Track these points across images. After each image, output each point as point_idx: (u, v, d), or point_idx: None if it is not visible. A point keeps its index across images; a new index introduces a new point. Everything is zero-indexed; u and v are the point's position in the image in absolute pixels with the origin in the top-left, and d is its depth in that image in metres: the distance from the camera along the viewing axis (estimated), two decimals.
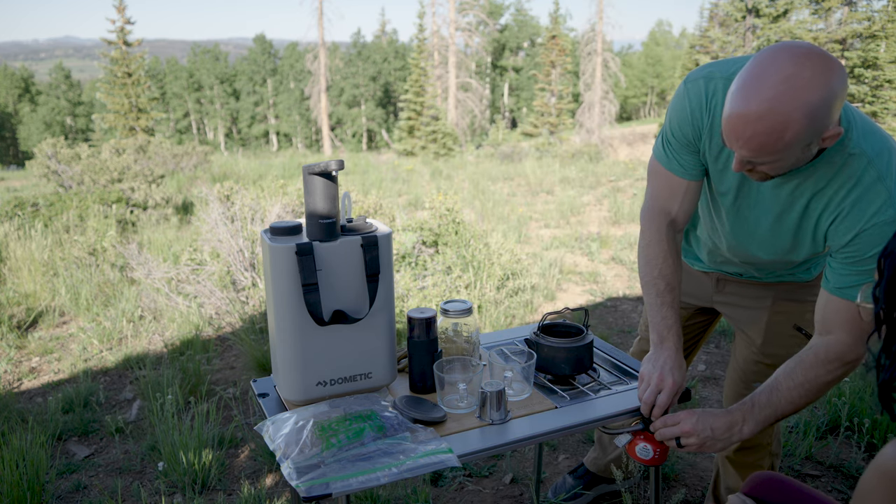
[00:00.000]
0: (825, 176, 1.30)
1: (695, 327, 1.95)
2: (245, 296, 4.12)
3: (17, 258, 4.89)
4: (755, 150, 1.18)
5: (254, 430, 2.77)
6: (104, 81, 23.65)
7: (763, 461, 1.82)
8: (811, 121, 1.13)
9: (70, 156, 8.41)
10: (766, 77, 1.13)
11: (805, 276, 1.66)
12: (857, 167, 1.27)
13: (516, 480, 2.41)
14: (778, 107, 1.11)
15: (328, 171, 1.40)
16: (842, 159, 1.28)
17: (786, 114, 1.11)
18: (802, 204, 1.36)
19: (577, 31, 42.19)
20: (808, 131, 1.14)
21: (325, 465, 1.26)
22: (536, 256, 5.48)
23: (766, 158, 1.19)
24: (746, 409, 1.37)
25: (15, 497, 2.23)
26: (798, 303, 1.68)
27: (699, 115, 1.42)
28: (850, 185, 1.27)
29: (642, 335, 2.02)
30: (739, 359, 1.79)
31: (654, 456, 1.46)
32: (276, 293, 1.41)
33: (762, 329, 1.70)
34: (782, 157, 1.19)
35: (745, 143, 1.17)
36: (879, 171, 1.25)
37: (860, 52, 17.35)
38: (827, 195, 1.31)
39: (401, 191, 9.59)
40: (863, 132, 1.29)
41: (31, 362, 3.69)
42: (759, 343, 1.71)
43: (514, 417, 1.44)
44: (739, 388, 1.77)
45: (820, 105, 1.12)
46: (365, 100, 43.68)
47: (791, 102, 1.11)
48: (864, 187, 1.26)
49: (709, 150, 1.45)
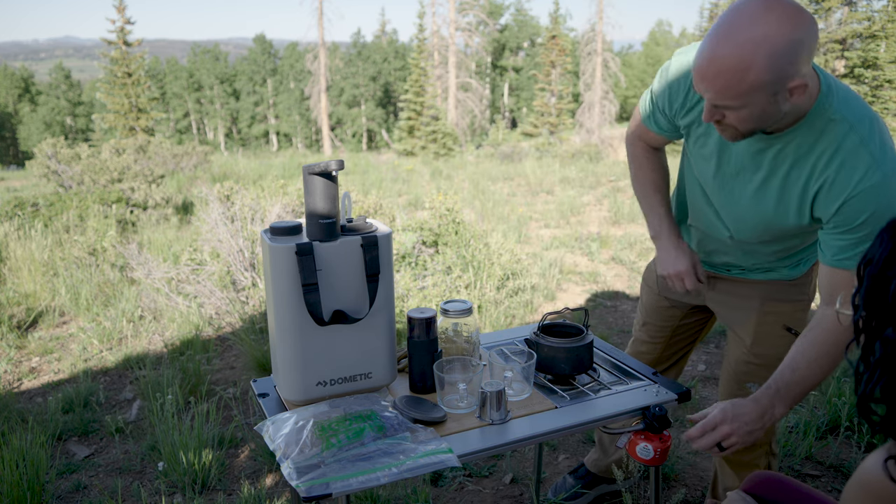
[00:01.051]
0: (806, 142, 1.32)
1: (690, 326, 1.95)
2: (245, 296, 4.12)
3: (17, 258, 4.89)
4: (719, 91, 1.21)
5: (254, 430, 2.77)
6: (104, 81, 23.65)
7: (760, 460, 1.82)
8: (774, 64, 1.15)
9: (70, 156, 8.41)
10: (734, 20, 1.18)
11: (793, 273, 1.67)
12: (839, 133, 1.28)
13: (516, 480, 2.41)
14: (742, 47, 1.16)
15: (328, 171, 1.40)
16: (823, 124, 1.30)
17: (749, 54, 1.15)
18: (784, 170, 1.38)
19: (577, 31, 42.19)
20: (771, 76, 1.17)
21: (325, 465, 1.26)
22: (536, 256, 5.48)
23: (730, 102, 1.22)
24: (772, 393, 1.37)
25: (15, 497, 2.23)
26: (787, 302, 1.69)
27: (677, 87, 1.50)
28: (832, 150, 1.29)
29: (636, 336, 2.03)
30: (731, 358, 1.79)
31: (655, 456, 1.46)
32: (276, 293, 1.41)
33: (752, 329, 1.71)
34: (746, 101, 1.21)
35: (709, 83, 1.22)
36: (861, 137, 1.27)
37: (860, 52, 17.35)
38: (810, 162, 1.33)
39: (401, 191, 9.59)
40: (844, 99, 1.30)
41: (31, 362, 3.69)
42: (748, 343, 1.72)
43: (514, 417, 1.44)
44: (732, 387, 1.77)
45: (784, 50, 1.15)
46: (365, 100, 43.68)
47: (754, 43, 1.14)
48: (846, 152, 1.28)
49: (687, 118, 1.52)
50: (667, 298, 1.90)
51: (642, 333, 1.99)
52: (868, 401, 0.83)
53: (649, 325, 1.97)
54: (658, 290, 1.91)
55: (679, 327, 1.94)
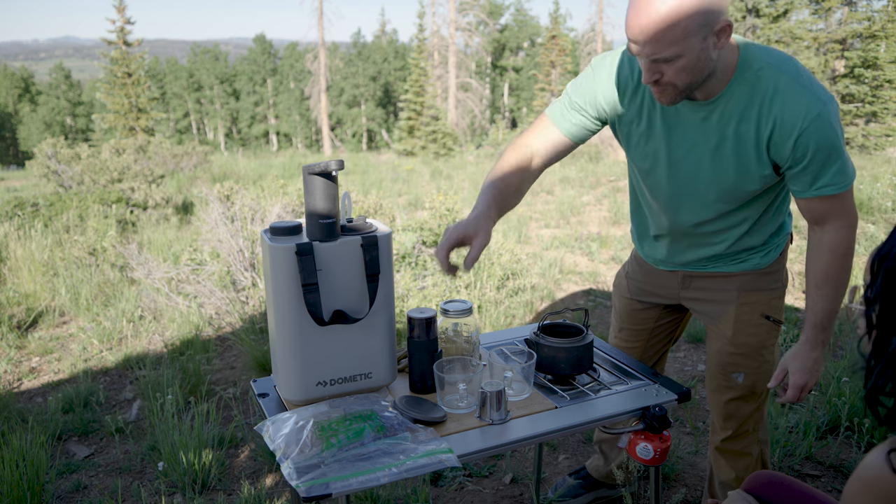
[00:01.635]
0: (744, 94, 1.40)
1: (665, 327, 1.97)
2: (245, 296, 4.12)
3: (17, 258, 4.89)
4: (655, 41, 1.26)
5: (254, 430, 2.77)
6: (104, 81, 23.65)
7: (752, 448, 1.84)
8: (701, 5, 1.24)
9: (70, 156, 8.40)
10: None
11: (765, 262, 1.71)
12: (770, 76, 1.37)
13: (516, 480, 2.41)
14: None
15: (328, 171, 1.40)
16: (752, 75, 1.38)
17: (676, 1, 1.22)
18: (733, 128, 1.44)
19: (577, 31, 42.14)
20: (701, 17, 1.24)
21: (325, 465, 1.26)
22: (536, 256, 5.48)
23: (667, 52, 1.27)
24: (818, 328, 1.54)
25: (15, 497, 2.23)
26: (762, 291, 1.72)
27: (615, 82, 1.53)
28: (771, 93, 1.37)
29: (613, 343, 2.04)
30: (713, 352, 1.81)
31: (654, 456, 1.46)
32: (276, 293, 1.41)
33: (731, 321, 1.74)
34: (682, 49, 1.27)
35: (645, 35, 1.26)
36: (791, 75, 1.36)
37: (860, 52, 17.35)
38: (754, 112, 1.40)
39: (401, 191, 9.59)
40: (762, 48, 1.40)
41: (31, 362, 3.69)
42: (729, 335, 1.74)
43: (514, 417, 1.44)
44: (719, 380, 1.80)
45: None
46: (365, 100, 43.68)
47: None
48: (784, 93, 1.36)
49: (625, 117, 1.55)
50: (640, 301, 1.93)
51: (619, 339, 2.01)
52: (878, 394, 0.83)
53: (626, 331, 1.99)
54: (630, 294, 1.94)
55: (655, 329, 1.96)
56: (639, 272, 1.91)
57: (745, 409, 1.78)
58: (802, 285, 4.56)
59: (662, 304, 1.91)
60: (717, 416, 1.84)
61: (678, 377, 3.28)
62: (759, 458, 1.86)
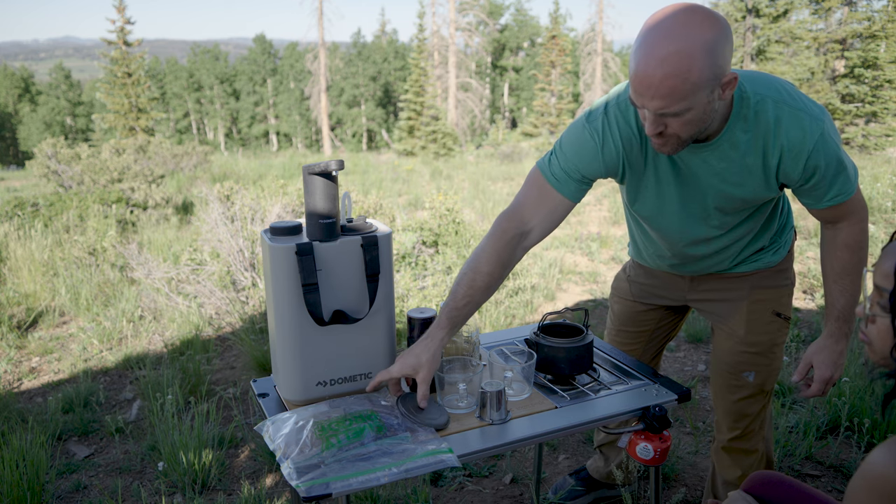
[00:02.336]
0: (744, 130, 1.39)
1: (666, 327, 1.98)
2: (245, 296, 4.12)
3: (17, 258, 4.89)
4: (665, 96, 1.23)
5: (254, 430, 2.77)
6: (104, 81, 23.65)
7: (758, 445, 1.84)
8: (711, 57, 1.21)
9: (70, 156, 8.40)
10: (661, 27, 1.22)
11: (774, 259, 1.71)
12: (770, 111, 1.37)
13: (516, 480, 2.41)
14: (680, 46, 1.20)
15: (328, 171, 1.40)
16: (751, 111, 1.38)
17: (688, 52, 1.19)
18: (738, 164, 1.44)
19: (577, 31, 42.15)
20: (710, 72, 1.22)
21: (325, 465, 1.26)
22: (536, 256, 5.48)
23: (675, 106, 1.25)
24: (841, 322, 1.56)
25: (15, 497, 2.23)
26: (773, 289, 1.72)
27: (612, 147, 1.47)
28: (773, 126, 1.38)
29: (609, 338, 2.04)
30: (722, 352, 1.80)
31: (654, 456, 1.46)
32: (276, 293, 1.41)
33: (743, 319, 1.73)
34: (690, 103, 1.25)
35: (655, 90, 1.23)
36: (787, 104, 1.37)
37: (860, 52, 17.35)
38: (759, 145, 1.40)
39: (401, 191, 9.59)
40: (749, 80, 1.39)
41: (31, 362, 3.69)
42: (741, 334, 1.74)
43: (514, 417, 1.44)
44: (729, 379, 1.79)
45: (717, 41, 1.21)
46: (365, 100, 43.67)
47: (690, 42, 1.19)
48: (787, 122, 1.37)
49: (630, 170, 1.52)
50: (643, 303, 1.92)
51: (617, 343, 2.01)
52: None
53: (625, 333, 1.98)
54: (633, 297, 1.94)
55: (655, 330, 1.96)
56: (642, 275, 1.91)
57: (754, 407, 1.78)
58: (803, 285, 4.56)
59: (665, 306, 1.91)
60: (724, 415, 1.83)
61: (678, 377, 3.28)
62: (765, 455, 1.86)
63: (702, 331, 3.71)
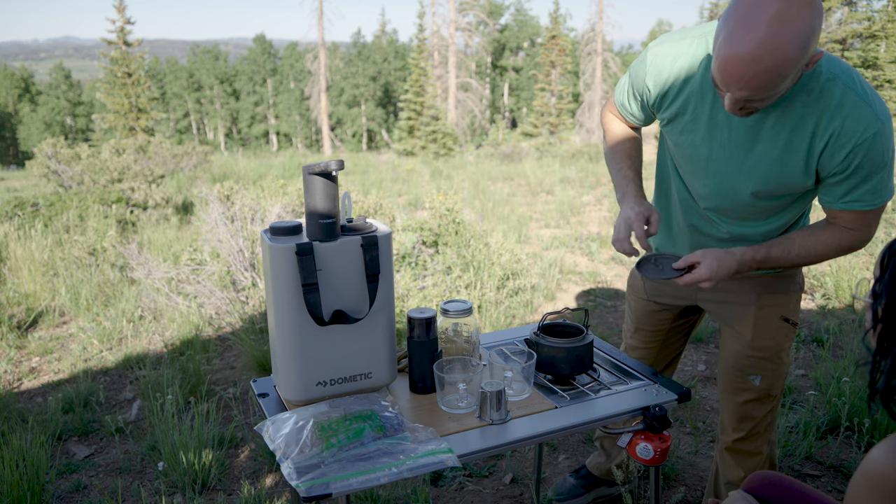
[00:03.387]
0: (804, 104, 1.36)
1: (680, 328, 1.97)
2: (245, 296, 4.12)
3: (17, 258, 4.89)
4: (756, 89, 1.22)
5: (254, 430, 2.77)
6: (104, 81, 23.65)
7: (762, 448, 1.83)
8: (804, 51, 1.19)
9: (70, 156, 8.40)
10: (755, 18, 1.18)
11: None
12: (836, 92, 1.33)
13: (516, 480, 2.41)
14: (775, 45, 1.17)
15: (328, 171, 1.40)
16: (818, 86, 1.34)
17: (783, 50, 1.17)
18: (785, 137, 1.41)
19: (577, 31, 42.18)
20: (801, 61, 1.21)
21: (325, 465, 1.26)
22: (536, 256, 5.48)
23: (764, 95, 1.24)
24: (759, 258, 1.52)
25: (15, 497, 2.23)
26: (781, 294, 1.71)
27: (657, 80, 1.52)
28: (834, 107, 1.34)
29: (629, 343, 2.04)
30: (729, 355, 1.79)
31: (654, 456, 1.46)
32: (276, 293, 1.41)
33: (751, 324, 1.72)
34: (779, 90, 1.25)
35: (746, 83, 1.22)
36: (857, 92, 1.34)
37: (860, 52, 17.34)
38: (811, 123, 1.37)
39: (401, 191, 9.59)
40: (827, 58, 1.35)
41: (31, 362, 3.69)
42: (748, 338, 1.73)
43: (514, 417, 1.44)
44: (735, 382, 1.78)
45: (810, 34, 1.18)
46: (365, 100, 43.67)
47: (786, 38, 1.16)
48: (849, 108, 1.33)
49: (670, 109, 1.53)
50: (657, 302, 1.92)
51: (635, 340, 2.00)
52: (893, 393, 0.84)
53: (641, 331, 1.98)
54: (647, 295, 1.93)
55: (671, 330, 1.95)
56: None
57: (760, 410, 1.77)
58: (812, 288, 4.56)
59: (679, 306, 1.90)
60: (730, 417, 1.83)
61: (678, 377, 3.28)
62: (768, 457, 1.86)
63: (702, 331, 3.71)
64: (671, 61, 1.50)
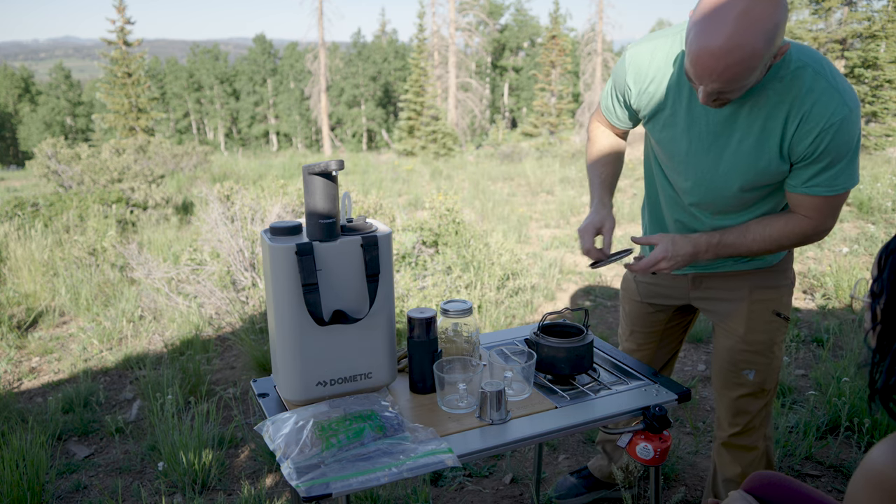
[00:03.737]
0: (777, 92, 1.41)
1: (675, 329, 1.99)
2: (245, 296, 4.12)
3: (17, 258, 4.89)
4: (727, 82, 1.29)
5: (254, 430, 2.77)
6: (104, 81, 23.64)
7: (758, 442, 1.85)
8: (770, 44, 1.26)
9: (70, 156, 8.40)
10: (723, 14, 1.24)
11: (775, 259, 1.74)
12: (806, 79, 1.39)
13: (516, 480, 2.41)
14: (743, 39, 1.23)
15: (328, 171, 1.40)
16: (788, 74, 1.40)
17: (751, 44, 1.23)
18: (760, 124, 1.45)
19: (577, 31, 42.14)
20: (768, 54, 1.28)
21: (325, 465, 1.26)
22: (536, 256, 5.48)
23: (734, 86, 1.31)
24: (714, 243, 1.57)
25: (15, 497, 2.23)
26: (773, 289, 1.74)
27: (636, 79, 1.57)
28: (804, 93, 1.39)
29: (625, 346, 2.06)
30: (723, 350, 1.82)
31: (654, 456, 1.46)
32: (276, 293, 1.41)
33: (744, 319, 1.75)
34: (748, 81, 1.31)
35: (717, 76, 1.28)
36: (826, 78, 1.39)
37: (860, 52, 17.34)
38: (784, 110, 1.42)
39: (401, 191, 9.59)
40: (796, 47, 1.41)
41: (31, 362, 3.69)
42: (741, 332, 1.75)
43: (514, 417, 1.44)
44: (729, 377, 1.80)
45: (775, 29, 1.25)
46: (365, 100, 43.67)
47: (753, 33, 1.23)
48: (818, 94, 1.39)
49: (649, 107, 1.58)
50: (650, 304, 1.94)
51: (630, 343, 2.02)
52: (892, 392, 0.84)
53: (637, 334, 2.00)
54: (640, 297, 1.95)
55: (666, 331, 1.98)
56: (648, 275, 1.91)
57: (755, 405, 1.80)
58: (803, 284, 4.56)
59: (673, 306, 1.92)
60: (725, 412, 1.85)
61: (678, 377, 3.28)
62: (765, 453, 1.87)
63: (702, 331, 3.71)
64: (648, 59, 1.55)
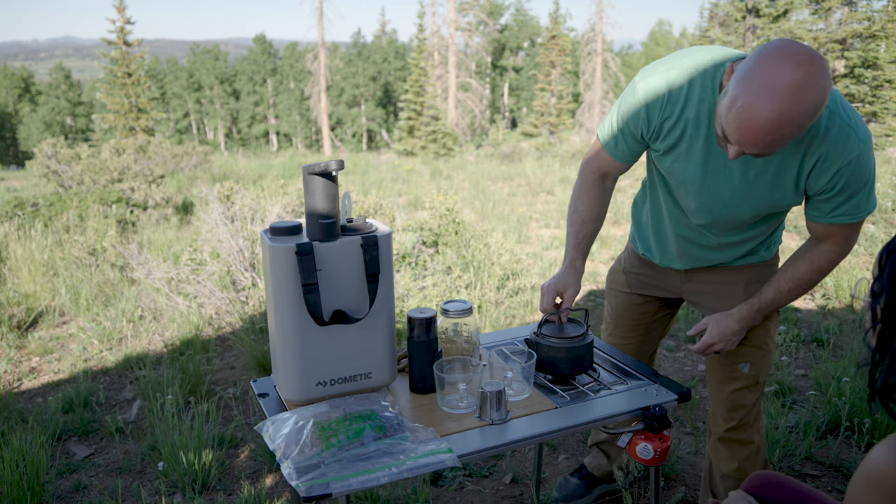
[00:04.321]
0: None
1: (661, 320, 2.02)
2: (245, 296, 4.12)
3: (17, 258, 4.89)
4: (768, 149, 1.30)
5: (254, 430, 2.77)
6: (104, 81, 23.64)
7: (753, 437, 1.87)
8: (814, 117, 1.26)
9: (70, 156, 8.40)
10: (775, 85, 1.22)
11: (767, 255, 1.77)
12: (822, 118, 1.40)
13: (516, 480, 2.41)
14: (795, 114, 1.23)
15: (328, 171, 1.40)
16: None
17: (800, 119, 1.25)
18: (777, 162, 1.48)
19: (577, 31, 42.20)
20: (811, 123, 1.29)
21: (325, 465, 1.26)
22: (536, 256, 5.48)
23: (773, 151, 1.32)
24: (755, 310, 1.65)
25: (15, 497, 2.23)
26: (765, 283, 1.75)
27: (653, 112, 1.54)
28: (822, 133, 1.41)
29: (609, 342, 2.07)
30: None
31: (654, 456, 1.46)
32: (276, 293, 1.41)
33: None
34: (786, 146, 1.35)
35: (763, 147, 1.29)
36: (841, 117, 1.41)
37: (860, 52, 17.34)
38: (801, 148, 1.44)
39: (401, 191, 9.59)
40: None
41: (31, 362, 3.69)
42: None
43: (514, 417, 1.44)
44: (725, 370, 1.83)
45: (821, 103, 1.25)
46: (365, 100, 43.66)
47: (803, 107, 1.23)
48: (834, 133, 1.41)
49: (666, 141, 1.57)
50: (640, 295, 1.97)
51: (615, 337, 2.05)
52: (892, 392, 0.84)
53: (623, 326, 2.02)
54: (630, 288, 1.98)
55: (652, 323, 2.01)
56: (638, 266, 1.94)
57: (750, 398, 1.82)
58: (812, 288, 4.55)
59: (660, 297, 1.95)
60: (720, 406, 1.87)
61: (678, 377, 3.28)
62: (759, 448, 1.89)
63: None
64: (666, 92, 1.52)
